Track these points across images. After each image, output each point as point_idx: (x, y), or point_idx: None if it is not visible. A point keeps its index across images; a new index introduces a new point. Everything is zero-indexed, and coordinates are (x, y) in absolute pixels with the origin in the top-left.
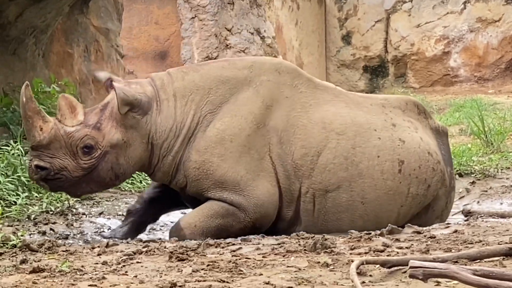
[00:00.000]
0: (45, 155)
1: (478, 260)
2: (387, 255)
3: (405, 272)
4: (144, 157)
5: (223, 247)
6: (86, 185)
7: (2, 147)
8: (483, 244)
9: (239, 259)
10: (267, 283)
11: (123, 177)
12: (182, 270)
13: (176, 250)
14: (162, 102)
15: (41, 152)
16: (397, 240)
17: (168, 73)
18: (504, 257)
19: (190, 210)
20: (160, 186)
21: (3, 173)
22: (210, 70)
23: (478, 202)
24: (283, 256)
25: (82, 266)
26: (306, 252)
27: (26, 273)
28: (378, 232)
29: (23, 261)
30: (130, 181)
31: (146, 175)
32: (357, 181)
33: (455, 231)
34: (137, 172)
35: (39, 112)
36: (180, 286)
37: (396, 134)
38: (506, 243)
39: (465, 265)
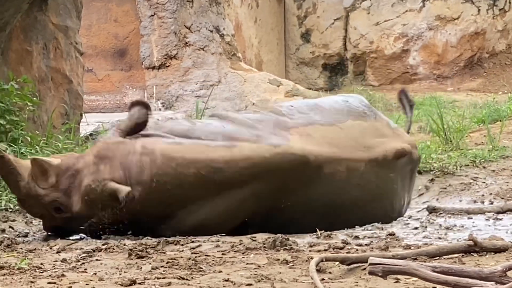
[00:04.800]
0: (25, 207)
1: (437, 257)
2: (347, 252)
3: (364, 269)
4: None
5: (182, 245)
6: (71, 228)
7: None
8: (442, 241)
9: (199, 257)
10: (227, 280)
11: (100, 228)
12: (141, 268)
13: (135, 248)
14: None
15: (22, 203)
16: (357, 237)
17: (153, 160)
18: (463, 254)
19: None
20: None
21: None
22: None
23: (437, 199)
24: (243, 253)
25: (41, 264)
26: (266, 249)
27: None
28: None
29: None
30: None
31: None
32: None
33: (415, 228)
34: None
35: (12, 171)
36: (139, 283)
37: (371, 206)
38: (465, 240)
39: (425, 262)
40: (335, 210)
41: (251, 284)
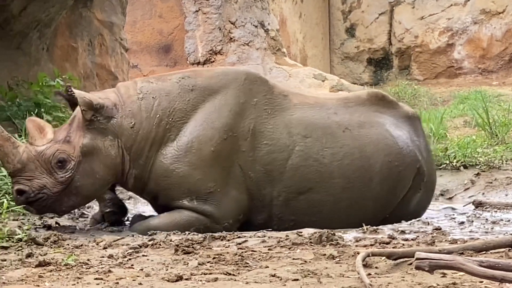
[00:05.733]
0: (23, 178)
1: (484, 252)
2: (393, 247)
3: (411, 264)
4: (117, 163)
5: (228, 240)
6: (68, 199)
7: None
8: (489, 235)
9: (245, 252)
10: (273, 275)
11: (100, 185)
12: (188, 263)
13: (182, 243)
14: (126, 107)
15: (19, 176)
16: (403, 232)
17: (134, 81)
18: (510, 248)
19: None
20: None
21: None
22: (176, 78)
23: (483, 193)
24: (289, 248)
25: (88, 260)
26: (312, 244)
27: (32, 267)
28: None
29: (29, 255)
30: None
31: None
32: (328, 182)
33: (461, 223)
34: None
35: (9, 139)
36: (186, 279)
37: (363, 132)
38: None
39: (471, 256)
40: (324, 132)
41: (297, 280)
